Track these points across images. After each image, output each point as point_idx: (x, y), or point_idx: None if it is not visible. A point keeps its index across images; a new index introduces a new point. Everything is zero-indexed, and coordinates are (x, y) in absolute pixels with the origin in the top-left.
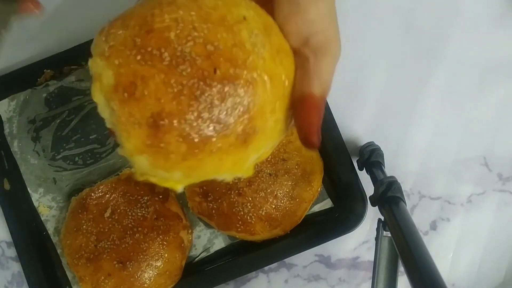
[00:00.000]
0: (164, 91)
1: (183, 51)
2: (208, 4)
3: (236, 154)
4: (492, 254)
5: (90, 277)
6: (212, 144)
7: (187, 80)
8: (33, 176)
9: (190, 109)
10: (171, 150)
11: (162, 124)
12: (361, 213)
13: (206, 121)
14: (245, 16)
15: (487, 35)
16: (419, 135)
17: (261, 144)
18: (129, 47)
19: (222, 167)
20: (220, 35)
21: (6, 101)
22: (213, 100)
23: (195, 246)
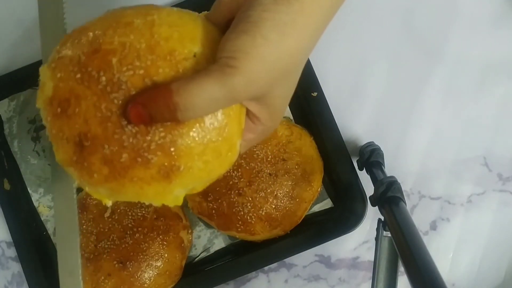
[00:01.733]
0: (93, 114)
1: (120, 79)
2: (162, 34)
3: (158, 186)
4: (492, 254)
5: (90, 277)
6: (132, 173)
7: (117, 108)
8: (33, 176)
9: (115, 137)
10: (94, 170)
11: (86, 145)
12: (361, 213)
13: (128, 150)
14: (196, 53)
15: (487, 35)
16: (419, 135)
17: (188, 181)
18: (74, 63)
19: (144, 195)
20: (162, 70)
21: (6, 101)
22: (138, 132)
23: (195, 246)
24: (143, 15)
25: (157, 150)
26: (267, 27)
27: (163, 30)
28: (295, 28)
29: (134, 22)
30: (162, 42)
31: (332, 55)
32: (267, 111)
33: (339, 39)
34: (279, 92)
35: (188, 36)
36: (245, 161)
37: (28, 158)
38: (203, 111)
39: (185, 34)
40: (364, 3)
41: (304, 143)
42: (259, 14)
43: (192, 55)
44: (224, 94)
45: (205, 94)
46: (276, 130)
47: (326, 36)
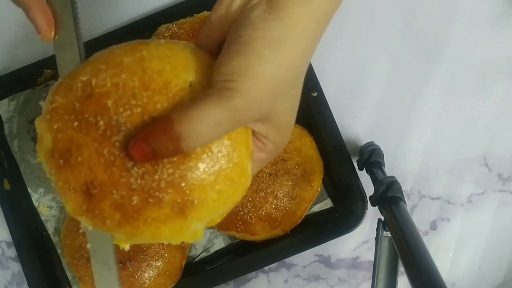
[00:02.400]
0: (97, 161)
1: (118, 120)
2: (154, 68)
3: (174, 224)
4: (492, 254)
5: (90, 277)
6: (145, 215)
7: (120, 151)
8: (33, 176)
9: (122, 181)
10: (106, 216)
11: (95, 193)
12: (361, 213)
13: (138, 192)
14: (191, 83)
15: (487, 35)
16: (419, 135)
17: (204, 214)
18: (69, 111)
19: (161, 235)
20: (159, 104)
21: (6, 101)
22: (145, 172)
23: (195, 246)
24: (131, 52)
25: (167, 188)
26: (259, 46)
27: (154, 64)
28: (288, 42)
29: (123, 61)
30: (156, 76)
31: (332, 55)
32: (274, 129)
33: (339, 39)
34: (283, 108)
35: (180, 66)
36: None
37: (28, 158)
38: (208, 137)
39: (177, 64)
40: (365, 3)
41: (304, 143)
42: (250, 34)
43: (188, 85)
44: (226, 117)
45: (207, 118)
46: None
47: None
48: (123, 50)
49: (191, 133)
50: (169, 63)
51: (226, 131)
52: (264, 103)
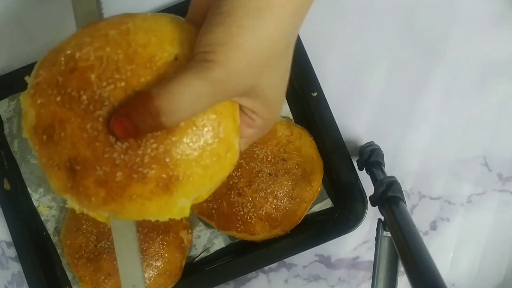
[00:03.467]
0: (80, 136)
1: (101, 95)
2: (139, 41)
3: (160, 200)
4: (492, 254)
5: (90, 277)
6: (130, 191)
7: (103, 126)
8: (33, 176)
9: (105, 156)
10: (90, 193)
11: (78, 170)
12: (361, 213)
13: (121, 168)
14: (176, 56)
15: (487, 35)
16: (419, 135)
17: (191, 190)
18: (52, 86)
19: (147, 212)
20: (144, 78)
21: (6, 101)
22: (128, 147)
23: (195, 246)
24: (117, 24)
25: (151, 163)
26: (240, 15)
27: (139, 37)
28: (270, 11)
29: (108, 34)
30: (140, 50)
31: (332, 55)
32: (261, 104)
33: (339, 39)
34: (269, 82)
35: (166, 39)
36: (245, 161)
37: (28, 158)
38: (189, 111)
39: (163, 37)
40: (365, 3)
41: (304, 143)
42: (230, 3)
43: (173, 58)
44: (207, 89)
45: (186, 92)
46: (276, 130)
47: (326, 36)
48: (109, 22)
49: (171, 108)
50: (155, 36)
51: (208, 104)
52: (246, 75)
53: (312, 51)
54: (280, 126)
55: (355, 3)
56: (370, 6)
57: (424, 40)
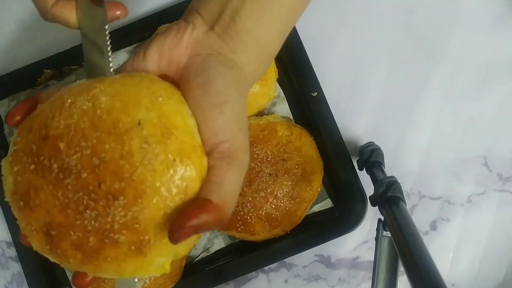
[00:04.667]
0: (53, 204)
1: (69, 163)
2: (104, 107)
3: (135, 262)
4: (492, 254)
5: None
6: (104, 254)
7: (73, 194)
8: None
9: (77, 223)
10: (68, 255)
11: (54, 235)
12: (361, 213)
13: (93, 233)
14: (140, 121)
15: (487, 35)
16: (419, 135)
17: (164, 250)
18: (27, 153)
19: (124, 271)
20: (108, 145)
21: (6, 101)
22: (98, 215)
23: (195, 246)
24: (86, 91)
25: (121, 229)
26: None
27: (104, 102)
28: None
29: (77, 101)
30: (105, 116)
31: (332, 55)
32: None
33: (339, 39)
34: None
35: (131, 103)
36: None
37: None
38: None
39: (128, 101)
40: (365, 3)
41: (304, 143)
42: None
43: (136, 123)
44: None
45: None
46: (276, 130)
47: (326, 36)
48: (80, 88)
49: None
50: (120, 100)
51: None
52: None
53: (312, 51)
54: (280, 126)
55: (355, 3)
56: (370, 6)
57: (424, 40)
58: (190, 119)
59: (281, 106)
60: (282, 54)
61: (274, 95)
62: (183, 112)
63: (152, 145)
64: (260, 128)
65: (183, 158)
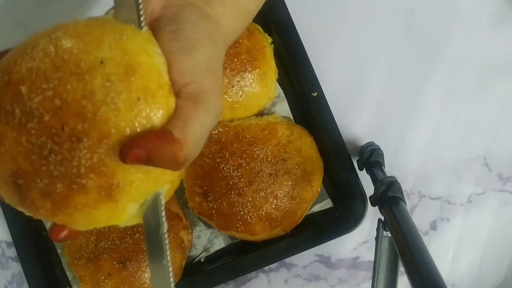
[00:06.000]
0: (17, 150)
1: (31, 107)
2: (66, 47)
3: (106, 208)
4: (492, 254)
5: (90, 277)
6: (74, 201)
7: (36, 139)
8: None
9: (43, 168)
10: (38, 206)
11: (21, 183)
12: (361, 213)
13: (60, 179)
14: (103, 59)
15: (487, 35)
16: (419, 135)
17: (136, 195)
18: None
19: (96, 220)
20: (70, 85)
21: None
22: (63, 159)
23: (195, 246)
24: (48, 34)
25: (88, 173)
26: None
27: (67, 43)
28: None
29: (39, 44)
30: (67, 56)
31: (332, 55)
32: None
33: (339, 39)
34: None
35: (93, 43)
36: (245, 161)
37: None
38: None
39: (90, 41)
40: (365, 3)
41: (304, 143)
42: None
43: (99, 62)
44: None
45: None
46: (276, 130)
47: (326, 36)
48: (43, 33)
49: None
50: (82, 40)
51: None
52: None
53: (312, 51)
54: (280, 126)
55: (355, 3)
56: (370, 7)
57: (424, 40)
58: (158, 57)
59: (281, 106)
60: (282, 54)
61: (274, 95)
62: (149, 51)
63: (115, 83)
64: (260, 128)
65: (148, 97)
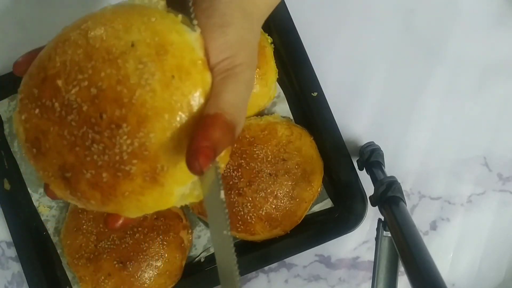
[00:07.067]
0: (61, 144)
1: (69, 99)
2: (97, 36)
3: (153, 193)
4: (492, 254)
5: (90, 277)
6: (121, 189)
7: (78, 130)
8: (33, 176)
9: (87, 159)
10: (88, 197)
11: (69, 176)
12: (361, 213)
13: (105, 169)
14: (133, 42)
15: (487, 35)
16: (419, 135)
17: (182, 177)
18: (31, 99)
19: (144, 206)
20: (104, 73)
21: (6, 101)
22: (105, 147)
23: (195, 246)
24: (77, 26)
25: (131, 159)
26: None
27: (97, 32)
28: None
29: (70, 37)
30: (98, 44)
31: (332, 55)
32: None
33: (339, 39)
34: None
35: (122, 28)
36: (245, 161)
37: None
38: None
39: (119, 26)
40: (365, 3)
41: (304, 143)
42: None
43: (130, 45)
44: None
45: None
46: (276, 130)
47: (326, 36)
48: (73, 26)
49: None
50: (111, 27)
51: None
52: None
53: (312, 51)
54: (280, 126)
55: (355, 3)
56: (370, 6)
57: (424, 41)
58: (190, 34)
59: (281, 106)
60: (282, 54)
61: (274, 95)
62: (179, 29)
63: (147, 64)
64: (260, 128)
65: (182, 74)
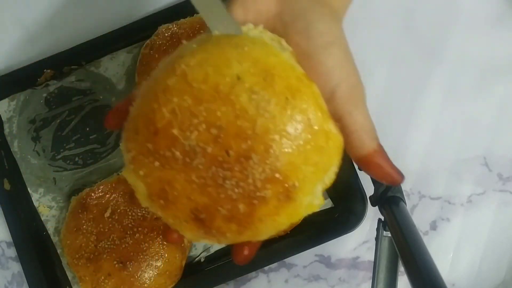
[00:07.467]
0: (191, 189)
1: (190, 145)
2: (198, 78)
3: (287, 210)
4: (492, 254)
5: (90, 277)
6: (258, 215)
7: (206, 172)
8: (33, 176)
9: (221, 196)
10: (224, 231)
11: (203, 217)
12: (361, 213)
13: (241, 200)
14: (238, 75)
15: (487, 35)
16: (419, 135)
17: (310, 187)
18: (146, 154)
19: (279, 224)
20: (219, 111)
21: (6, 101)
22: (238, 180)
23: (195, 246)
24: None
25: (265, 184)
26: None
27: (196, 74)
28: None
29: (168, 86)
30: (203, 86)
31: None
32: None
33: None
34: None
35: (221, 64)
36: None
37: (28, 158)
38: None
39: (218, 62)
40: (365, 3)
41: None
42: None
43: (236, 79)
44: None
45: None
46: None
47: None
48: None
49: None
50: (210, 65)
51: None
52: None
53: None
54: None
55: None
56: (370, 6)
57: (424, 40)
58: (284, 53)
59: None
60: None
61: None
62: (273, 51)
63: (260, 93)
64: None
65: (294, 93)
